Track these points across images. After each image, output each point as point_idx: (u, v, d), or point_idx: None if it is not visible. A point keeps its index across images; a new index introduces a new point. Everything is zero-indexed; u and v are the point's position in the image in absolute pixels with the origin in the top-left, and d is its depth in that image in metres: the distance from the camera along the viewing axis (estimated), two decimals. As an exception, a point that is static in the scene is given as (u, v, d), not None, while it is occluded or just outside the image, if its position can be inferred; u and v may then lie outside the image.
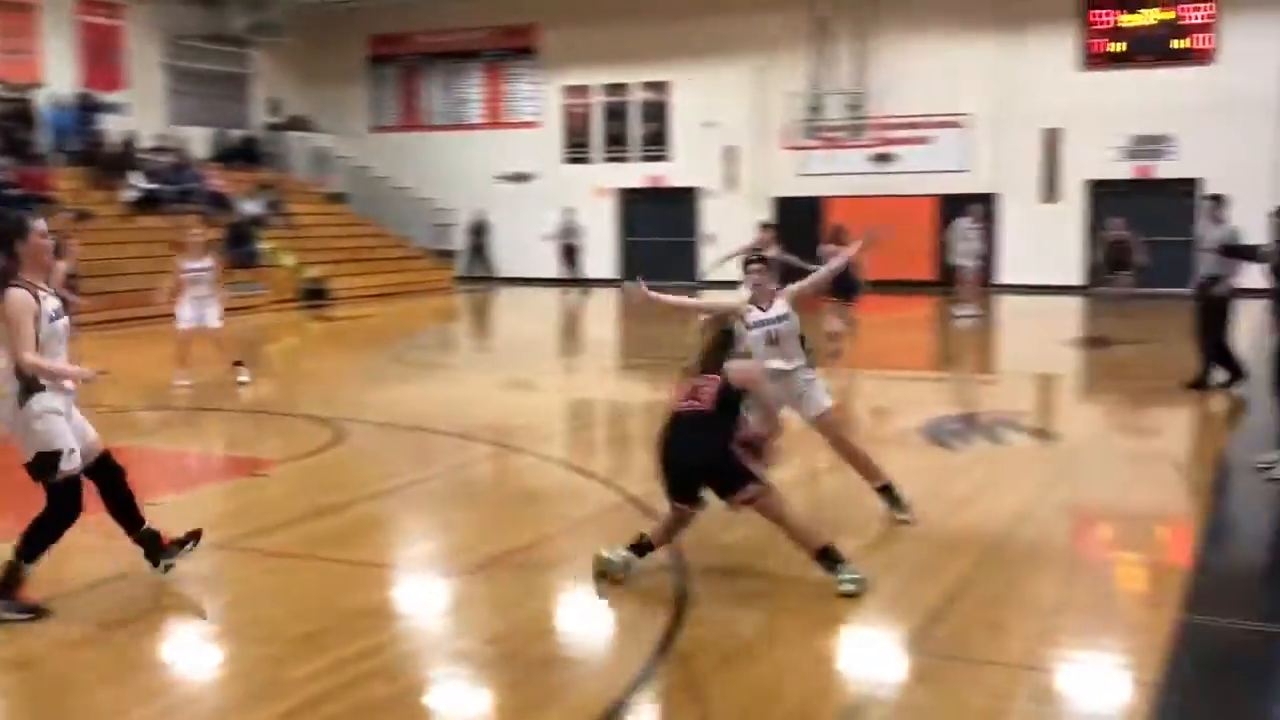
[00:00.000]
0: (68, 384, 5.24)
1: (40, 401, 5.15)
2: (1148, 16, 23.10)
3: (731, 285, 11.59)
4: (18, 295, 5.04)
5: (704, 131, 26.60)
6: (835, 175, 25.04)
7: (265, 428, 10.58)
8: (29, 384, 5.11)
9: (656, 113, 27.37)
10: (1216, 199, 12.83)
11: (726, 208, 25.91)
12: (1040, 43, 23.76)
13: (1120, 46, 23.30)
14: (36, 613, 5.29)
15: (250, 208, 24.26)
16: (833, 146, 23.46)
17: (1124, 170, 23.63)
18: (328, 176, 28.84)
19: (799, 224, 22.46)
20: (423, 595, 5.90)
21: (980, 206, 20.42)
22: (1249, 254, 10.09)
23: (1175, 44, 22.91)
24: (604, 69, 27.49)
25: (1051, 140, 24.04)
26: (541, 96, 28.39)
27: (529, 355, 15.15)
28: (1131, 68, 23.20)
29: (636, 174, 27.57)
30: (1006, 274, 24.42)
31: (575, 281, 25.39)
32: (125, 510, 5.66)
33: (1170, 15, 22.92)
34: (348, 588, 5.81)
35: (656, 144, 27.44)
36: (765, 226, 15.97)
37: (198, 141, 26.41)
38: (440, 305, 23.88)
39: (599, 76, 27.69)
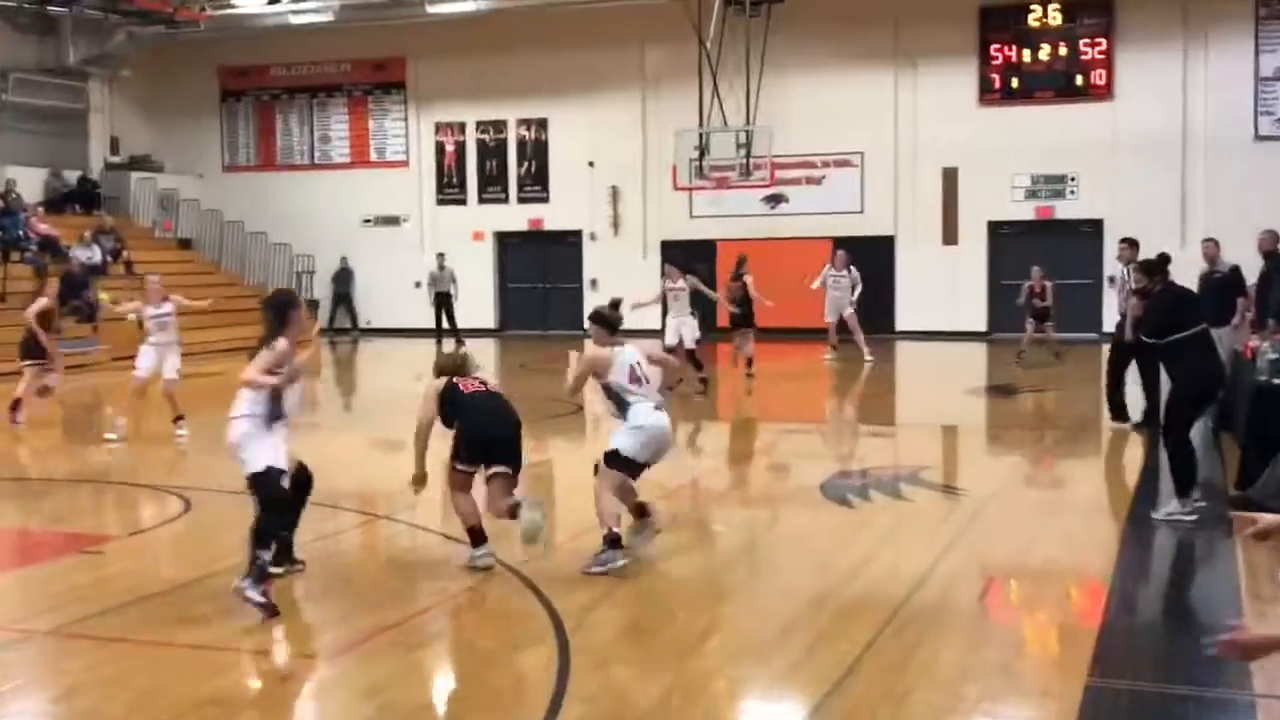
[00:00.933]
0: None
1: None
2: (1045, 52, 24.06)
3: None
4: None
5: (586, 171, 26.83)
6: (727, 217, 25.45)
7: (104, 498, 10.27)
8: None
9: (535, 151, 27.55)
10: (1132, 243, 13.42)
11: (611, 252, 26.15)
12: (937, 78, 24.54)
13: (1018, 82, 24.20)
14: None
15: (86, 255, 23.66)
16: (723, 187, 23.82)
17: (1026, 210, 24.45)
18: (174, 220, 28.32)
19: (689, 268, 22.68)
20: (281, 681, 5.76)
21: (844, 252, 20.84)
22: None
23: (1074, 80, 23.87)
24: (478, 104, 27.59)
25: (950, 179, 24.78)
26: (411, 134, 28.35)
27: (400, 413, 14.98)
28: (1030, 104, 24.10)
29: (515, 216, 27.66)
30: (905, 319, 25.00)
31: (450, 332, 25.24)
32: None
33: (1065, 52, 23.91)
34: (196, 675, 5.65)
35: (536, 184, 27.59)
36: (673, 266, 17.15)
37: (29, 183, 25.73)
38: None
39: (472, 112, 27.77)
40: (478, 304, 27.55)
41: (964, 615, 6.61)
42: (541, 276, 27.54)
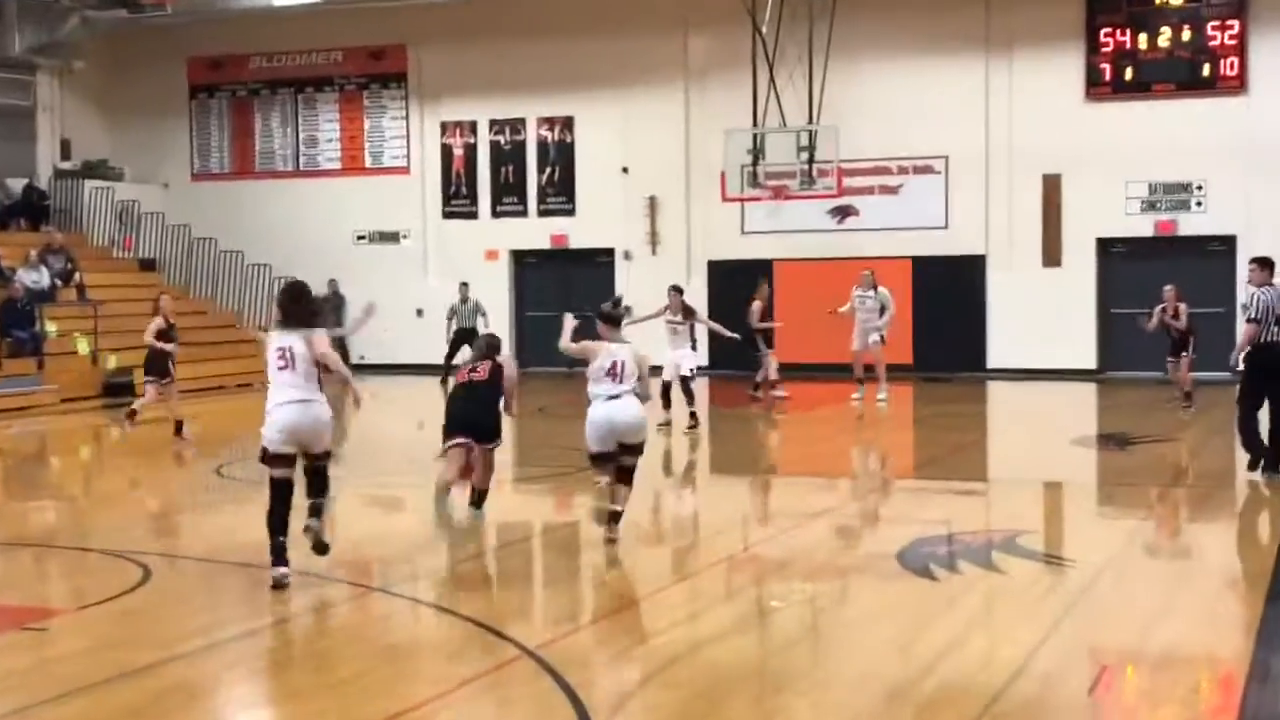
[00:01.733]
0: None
1: None
2: (1165, 37, 24.00)
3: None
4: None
5: (619, 179, 26.95)
6: (784, 234, 25.49)
7: (49, 565, 10.33)
8: None
9: (559, 155, 27.70)
10: (1264, 263, 13.42)
11: (649, 273, 26.14)
12: (1036, 68, 24.57)
13: (1132, 73, 24.15)
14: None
15: (33, 279, 23.94)
16: (781, 198, 23.86)
17: (1143, 225, 24.34)
18: (134, 237, 28.61)
19: (743, 293, 22.71)
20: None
21: (870, 271, 20.76)
22: None
23: (1200, 70, 23.79)
24: (491, 100, 27.80)
25: (1052, 189, 24.71)
26: (413, 135, 28.58)
27: (395, 464, 15.05)
28: (1148, 99, 24.09)
29: (535, 232, 27.78)
30: (999, 355, 24.90)
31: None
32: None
33: (1190, 36, 23.83)
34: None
35: (559, 194, 27.72)
36: (676, 290, 18.51)
37: (-36, 193, 26.10)
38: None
39: (485, 110, 27.98)
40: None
41: (1071, 712, 6.54)
42: (566, 303, 27.54)
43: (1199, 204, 24.07)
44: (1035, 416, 20.24)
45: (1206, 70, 23.79)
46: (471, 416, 10.80)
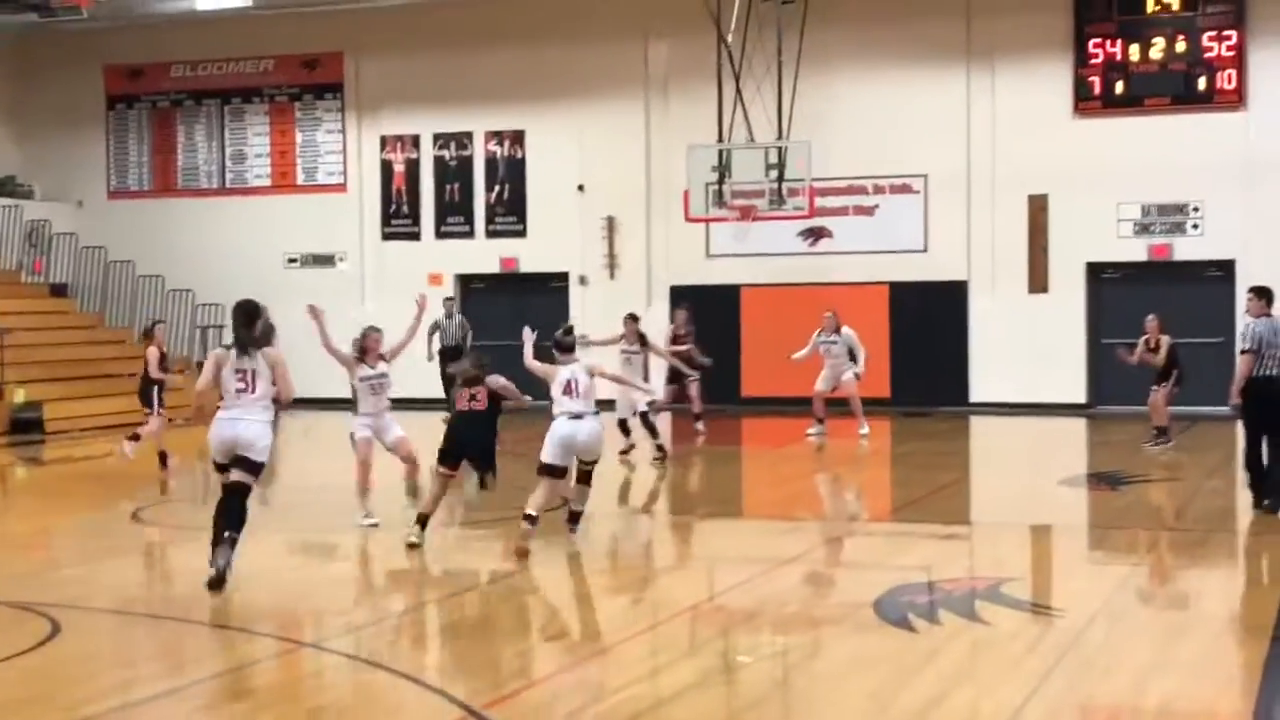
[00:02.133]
0: None
1: None
2: (1158, 48, 24.25)
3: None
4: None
5: (574, 197, 27.02)
6: (752, 257, 25.56)
7: (-53, 619, 10.19)
8: None
9: (509, 172, 27.74)
10: (1261, 292, 13.68)
11: (606, 299, 26.17)
12: (1021, 82, 24.81)
13: (1123, 87, 24.39)
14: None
15: (-67, 304, 23.73)
16: (748, 219, 23.90)
17: (1136, 249, 24.58)
18: (44, 261, 28.41)
19: (710, 320, 22.78)
20: None
21: (832, 314, 20.74)
22: None
23: (1195, 84, 24.05)
24: (436, 113, 27.85)
25: (1038, 210, 24.90)
26: (350, 150, 28.57)
27: (328, 508, 14.97)
28: (1140, 114, 24.34)
29: (482, 254, 27.81)
30: (982, 388, 25.03)
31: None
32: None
33: (1184, 47, 24.09)
34: None
35: (509, 214, 27.75)
36: (632, 318, 18.97)
37: None
38: (203, 439, 23.45)
39: (429, 123, 28.02)
40: (432, 366, 27.56)
41: (1061, 773, 6.55)
42: (517, 331, 27.53)
43: (1195, 226, 24.30)
44: (1021, 454, 20.33)
45: (1203, 84, 24.05)
46: (474, 443, 12.06)
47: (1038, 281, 25.01)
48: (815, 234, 25.75)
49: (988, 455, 20.93)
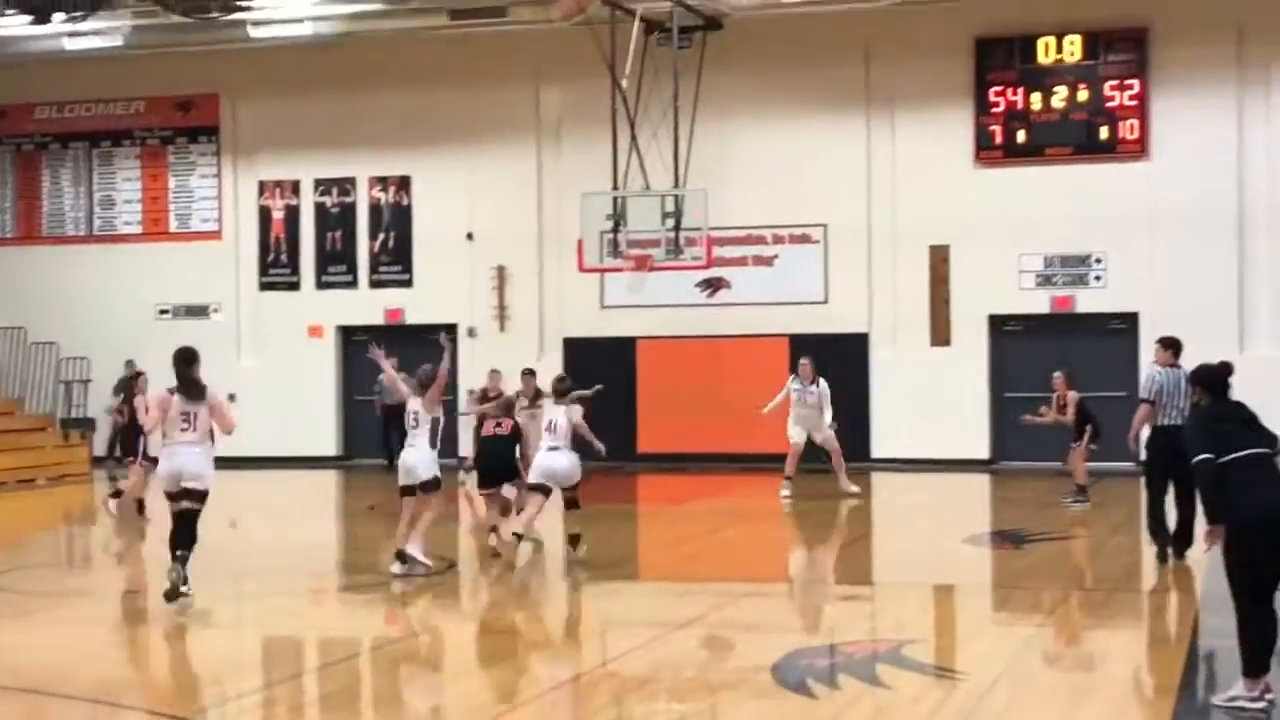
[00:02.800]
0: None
1: None
2: (1060, 96, 24.73)
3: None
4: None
5: (463, 246, 27.05)
6: (648, 308, 25.67)
7: None
8: None
9: (394, 219, 27.72)
10: (1168, 343, 14.10)
11: (496, 352, 26.10)
12: (921, 129, 25.21)
13: (1025, 135, 24.86)
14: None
15: None
16: (644, 269, 24.01)
17: (1038, 301, 25.03)
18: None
19: (605, 373, 22.77)
20: None
21: (809, 360, 21.04)
22: None
23: (1097, 133, 24.56)
24: (317, 157, 27.78)
25: (940, 261, 25.27)
26: (226, 196, 28.38)
27: (202, 574, 14.79)
28: (1042, 164, 24.81)
29: (366, 305, 27.72)
30: (883, 444, 25.29)
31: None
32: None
33: (1087, 96, 24.60)
34: None
35: (395, 264, 27.71)
36: (528, 373, 19.65)
37: None
38: (68, 501, 23.12)
39: (310, 168, 27.95)
40: (314, 422, 27.38)
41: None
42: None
43: (1098, 278, 24.77)
44: (924, 511, 20.52)
45: (1105, 133, 24.56)
46: (501, 465, 15.37)
47: (940, 334, 25.36)
48: (713, 285, 25.94)
49: (890, 513, 21.11)
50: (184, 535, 12.40)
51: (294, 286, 28.13)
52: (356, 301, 27.81)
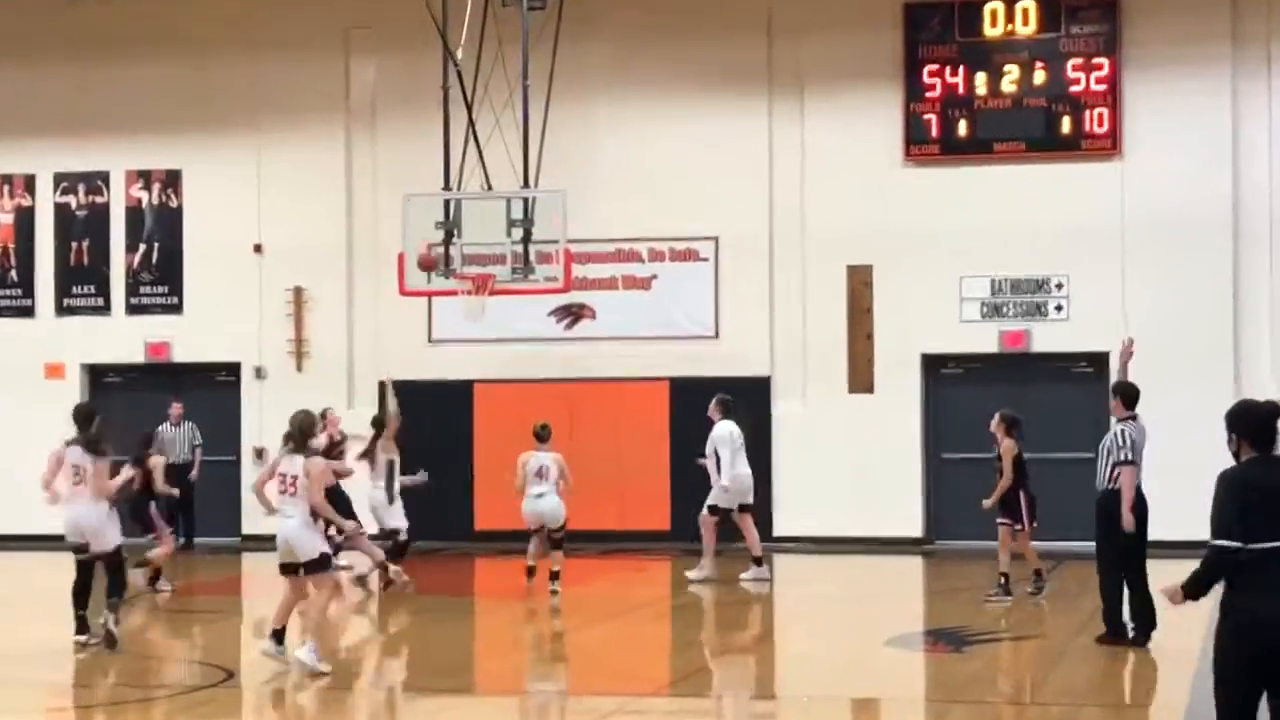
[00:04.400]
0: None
1: None
2: (1011, 78, 25.06)
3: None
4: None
5: (249, 261, 26.97)
6: (488, 344, 25.69)
7: None
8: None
9: (160, 226, 27.55)
10: (1126, 393, 14.73)
11: (291, 397, 25.85)
12: (837, 118, 25.49)
13: (967, 127, 25.20)
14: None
15: None
16: (484, 292, 23.94)
17: (984, 338, 25.33)
18: None
19: (432, 427, 22.83)
20: None
21: (722, 399, 21.39)
22: None
23: (1058, 125, 24.95)
24: (58, 145, 27.55)
25: (860, 285, 25.49)
26: (-64, 193, 28.04)
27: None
28: (988, 163, 25.12)
29: (123, 337, 27.51)
30: (789, 519, 25.45)
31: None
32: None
33: (1043, 78, 24.96)
34: None
35: (160, 284, 27.53)
36: (327, 412, 21.22)
37: None
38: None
39: (49, 158, 27.75)
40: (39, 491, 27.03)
41: None
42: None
43: (1059, 308, 25.11)
44: (841, 605, 20.63)
45: (1068, 125, 24.93)
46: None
47: (860, 378, 25.51)
48: (572, 313, 26.10)
49: (798, 606, 21.20)
50: (113, 585, 15.96)
51: (26, 312, 27.86)
52: (109, 332, 27.60)
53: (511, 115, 23.26)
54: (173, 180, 27.51)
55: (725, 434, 21.10)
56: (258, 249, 27.03)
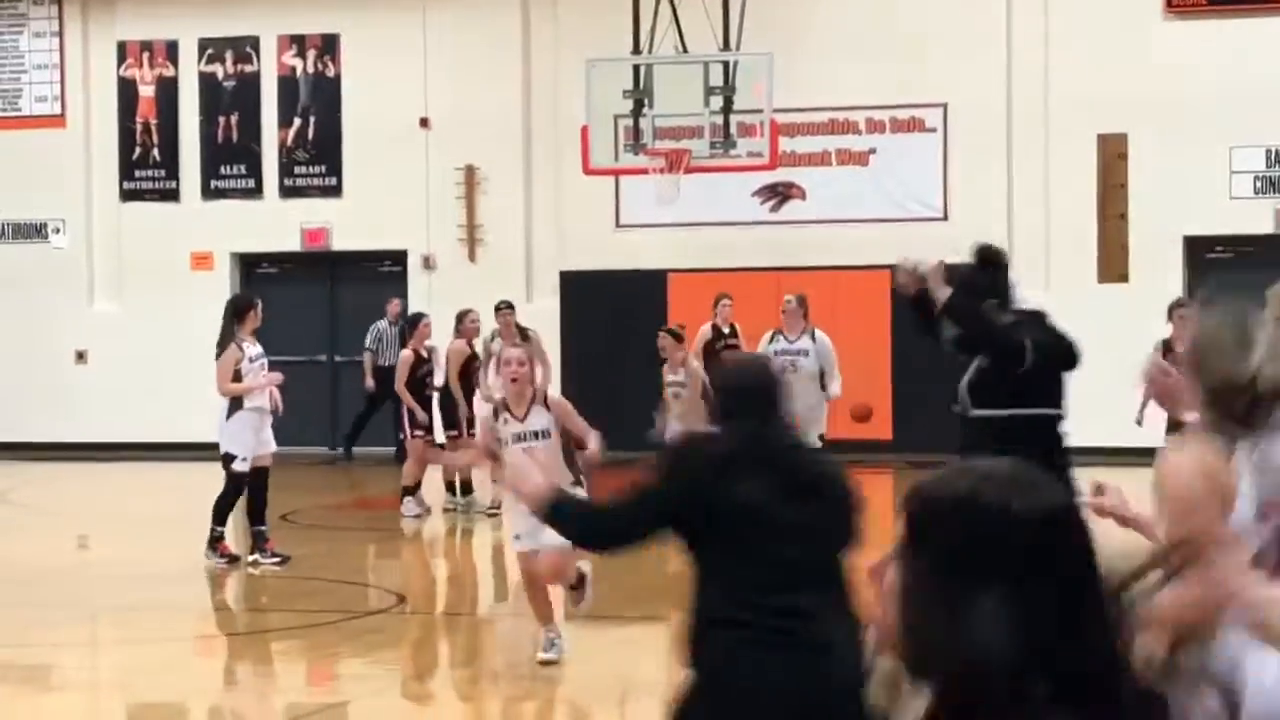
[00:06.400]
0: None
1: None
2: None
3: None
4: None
5: (415, 139, 26.99)
6: (684, 228, 25.60)
7: None
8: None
9: (317, 99, 27.66)
10: None
11: (464, 290, 25.95)
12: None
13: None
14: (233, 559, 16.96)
15: None
16: (679, 171, 23.87)
17: (1259, 217, 24.90)
18: None
19: (618, 323, 22.72)
20: None
21: (795, 300, 20.00)
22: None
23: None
24: (202, 9, 27.70)
25: (1114, 157, 25.09)
26: (71, 63, 28.38)
27: (41, 613, 14.82)
28: (1267, 12, 24.78)
29: (275, 224, 27.73)
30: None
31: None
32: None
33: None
34: None
35: (317, 164, 27.66)
36: (505, 307, 20.66)
37: None
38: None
39: (192, 24, 27.90)
40: (201, 395, 27.31)
41: None
42: (328, 343, 27.42)
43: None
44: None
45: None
46: None
47: (1113, 266, 25.22)
48: (779, 193, 25.90)
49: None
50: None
51: (170, 196, 28.13)
52: (261, 217, 27.82)
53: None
54: (330, 47, 27.58)
55: None
56: (424, 124, 27.05)
